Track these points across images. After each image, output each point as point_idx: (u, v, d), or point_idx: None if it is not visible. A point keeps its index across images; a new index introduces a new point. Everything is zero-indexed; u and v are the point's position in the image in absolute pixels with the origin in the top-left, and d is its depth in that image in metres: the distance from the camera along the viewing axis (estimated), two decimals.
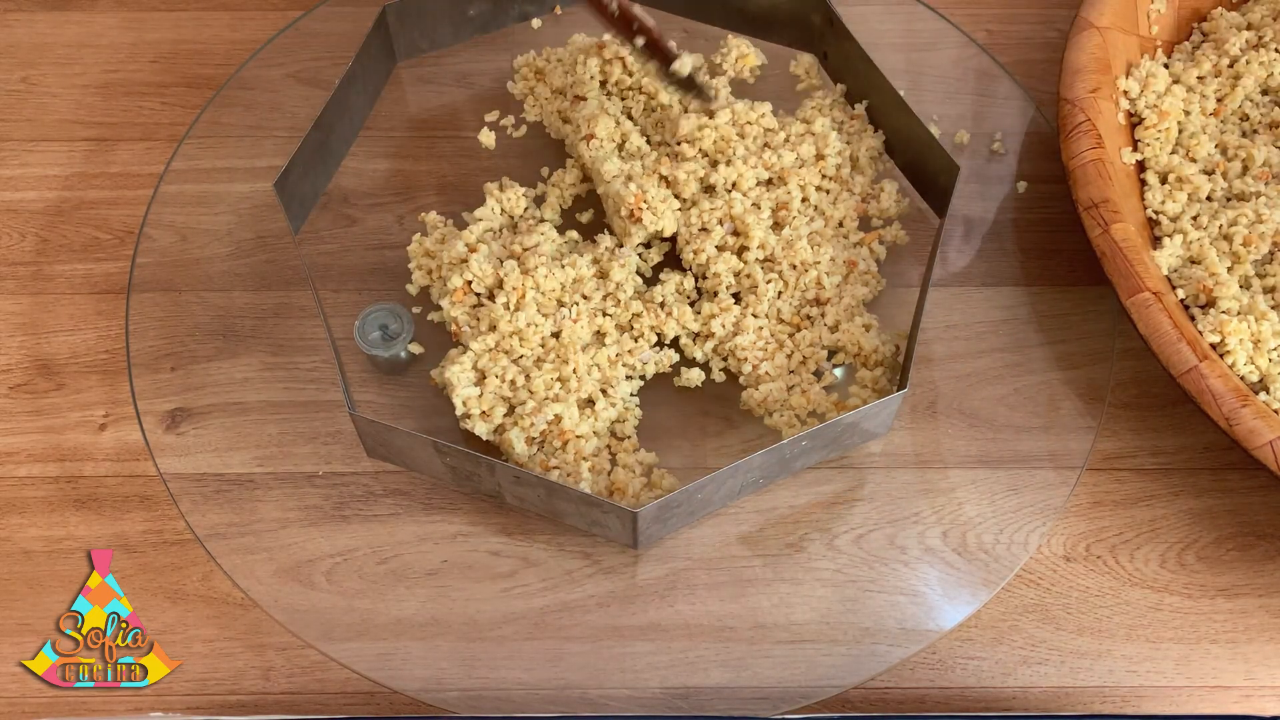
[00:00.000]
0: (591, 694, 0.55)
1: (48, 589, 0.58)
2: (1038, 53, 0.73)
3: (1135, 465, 0.62)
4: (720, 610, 0.57)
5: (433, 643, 0.56)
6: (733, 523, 0.59)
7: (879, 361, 0.61)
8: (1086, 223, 0.59)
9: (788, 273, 0.62)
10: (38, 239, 0.68)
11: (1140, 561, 0.59)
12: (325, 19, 0.72)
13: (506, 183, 0.66)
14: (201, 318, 0.64)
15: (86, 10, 0.76)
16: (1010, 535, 0.58)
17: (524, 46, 0.72)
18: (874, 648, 0.56)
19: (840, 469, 0.60)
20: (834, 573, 0.58)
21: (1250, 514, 0.60)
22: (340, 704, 0.56)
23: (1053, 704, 0.56)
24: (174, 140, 0.69)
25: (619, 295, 0.61)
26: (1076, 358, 0.63)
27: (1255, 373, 0.57)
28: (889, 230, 0.65)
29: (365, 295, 0.64)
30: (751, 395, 0.60)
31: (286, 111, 0.70)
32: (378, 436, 0.57)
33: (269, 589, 0.57)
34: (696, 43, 0.71)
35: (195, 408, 0.61)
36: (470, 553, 0.58)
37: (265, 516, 0.59)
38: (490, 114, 0.70)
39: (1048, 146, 0.69)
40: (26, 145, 0.71)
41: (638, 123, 0.67)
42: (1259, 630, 0.58)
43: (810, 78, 0.71)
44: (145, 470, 0.61)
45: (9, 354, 0.64)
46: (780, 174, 0.64)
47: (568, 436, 0.57)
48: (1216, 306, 0.59)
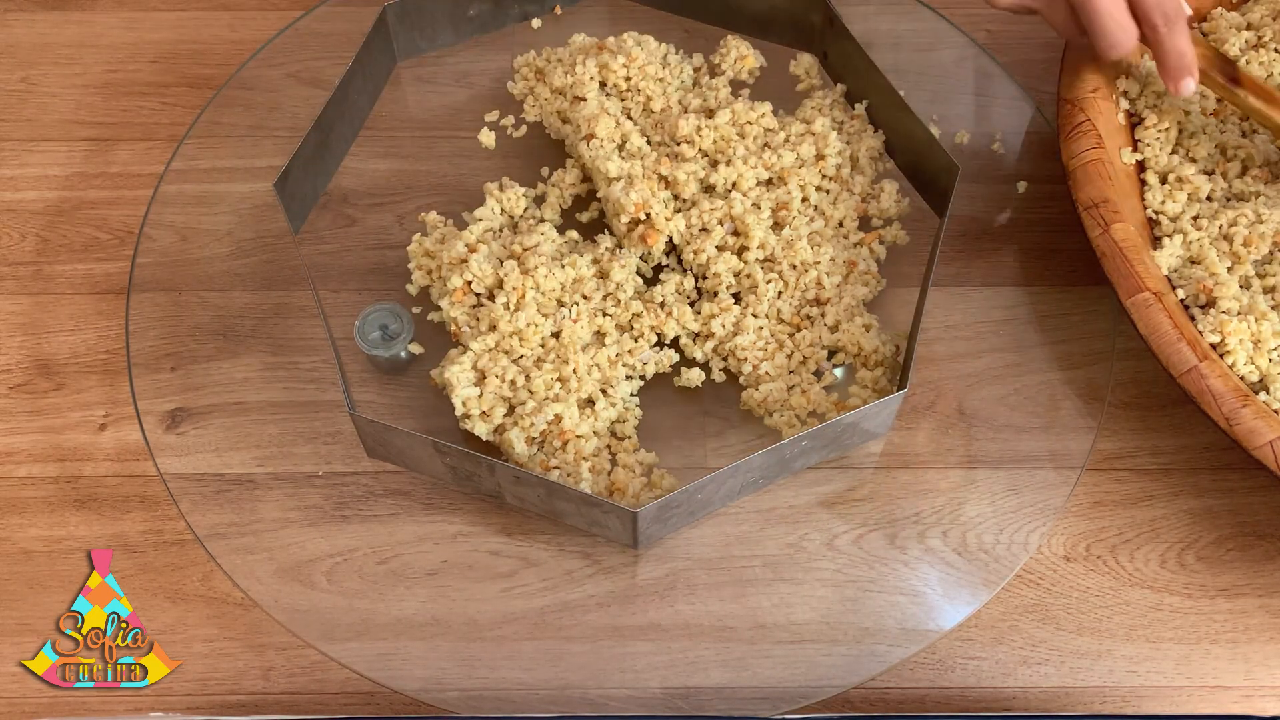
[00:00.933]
0: (591, 694, 0.55)
1: (48, 589, 0.58)
2: (1038, 53, 0.73)
3: (1135, 465, 0.62)
4: (720, 610, 0.57)
5: (433, 643, 0.56)
6: (733, 523, 0.59)
7: (879, 361, 0.61)
8: (1086, 223, 0.59)
9: (788, 273, 0.62)
10: (38, 239, 0.68)
11: (1140, 561, 0.59)
12: (325, 19, 0.72)
13: (506, 183, 0.66)
14: (201, 318, 0.64)
15: (86, 10, 0.76)
16: (1010, 535, 0.58)
17: (524, 46, 0.72)
18: (874, 648, 0.56)
19: (840, 469, 0.60)
20: (834, 573, 0.58)
21: (1250, 514, 0.60)
22: (340, 704, 0.56)
23: (1053, 704, 0.56)
24: (174, 140, 0.69)
25: (619, 295, 0.61)
26: (1076, 358, 0.63)
27: (1255, 373, 0.57)
28: (889, 230, 0.66)
29: (365, 295, 0.64)
30: (751, 395, 0.60)
31: (286, 111, 0.70)
32: (378, 436, 0.57)
33: (269, 589, 0.57)
34: (696, 42, 0.71)
35: (195, 408, 0.61)
36: (470, 553, 0.58)
37: (265, 516, 0.59)
38: (490, 114, 0.70)
39: (1048, 146, 0.69)
40: (26, 145, 0.71)
41: (638, 123, 0.67)
42: (1259, 630, 0.58)
43: (810, 78, 0.71)
44: (145, 470, 0.61)
45: (9, 354, 0.64)
46: (780, 174, 0.64)
47: (568, 436, 0.57)
48: (1216, 306, 0.59)
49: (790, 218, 0.64)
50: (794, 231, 0.63)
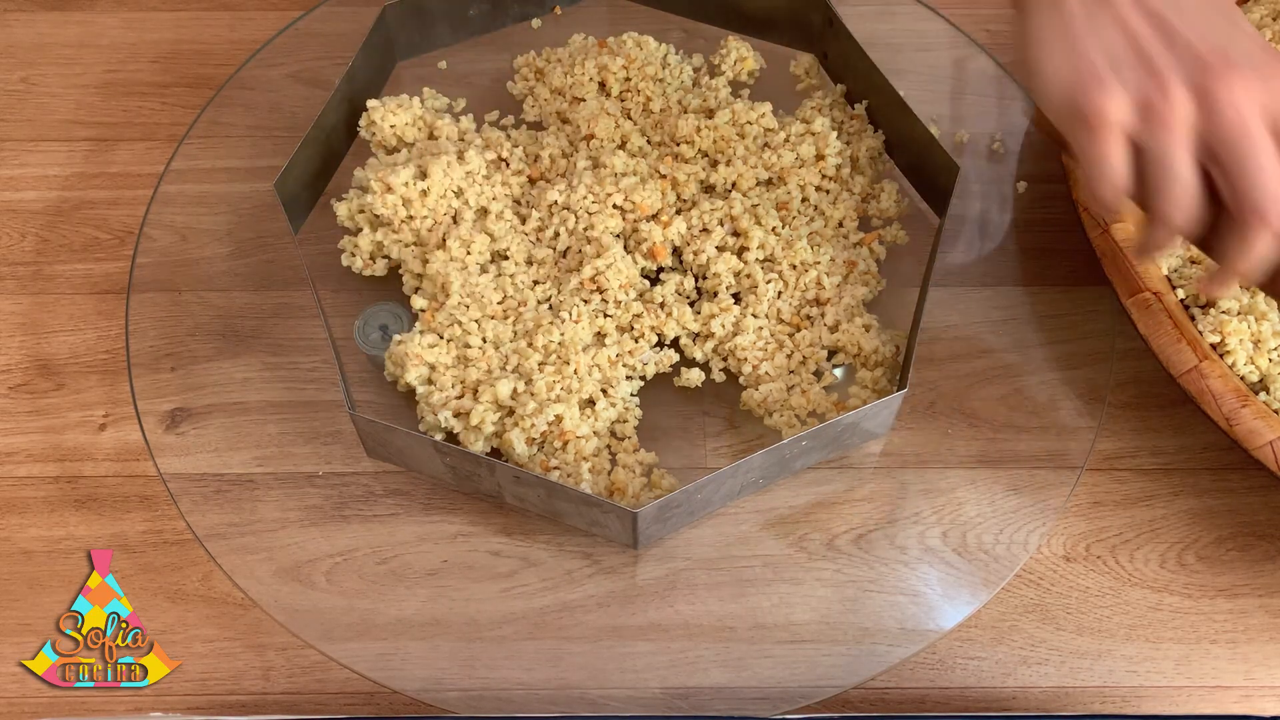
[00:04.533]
0: (591, 694, 0.55)
1: (48, 589, 0.58)
2: None
3: (1135, 465, 0.62)
4: (720, 610, 0.57)
5: (433, 643, 0.56)
6: (733, 523, 0.59)
7: (879, 361, 0.61)
8: (1086, 223, 0.59)
9: (787, 273, 0.62)
10: (38, 239, 0.68)
11: (1140, 561, 0.59)
12: (325, 19, 0.72)
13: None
14: (201, 318, 0.64)
15: (86, 10, 0.76)
16: (1010, 535, 0.58)
17: (524, 46, 0.72)
18: (874, 648, 0.56)
19: (840, 469, 0.60)
20: (834, 573, 0.58)
21: (1250, 514, 0.60)
22: (340, 704, 0.56)
23: (1053, 704, 0.56)
24: (174, 140, 0.69)
25: (619, 296, 0.61)
26: (1076, 358, 0.63)
27: (1255, 373, 0.57)
28: (889, 230, 0.65)
29: (365, 295, 0.64)
30: (751, 395, 0.60)
31: (286, 111, 0.70)
32: (378, 436, 0.57)
33: (269, 589, 0.57)
34: (696, 43, 0.71)
35: (195, 408, 0.61)
36: (470, 553, 0.58)
37: (265, 516, 0.59)
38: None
39: (1048, 146, 0.69)
40: (26, 145, 0.71)
41: (637, 123, 0.67)
42: (1259, 630, 0.58)
43: (810, 78, 0.71)
44: (145, 470, 0.61)
45: (9, 354, 0.64)
46: (780, 174, 0.64)
47: (568, 437, 0.57)
48: (1216, 306, 0.59)
49: (790, 217, 0.64)
50: (794, 231, 0.63)
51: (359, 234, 0.64)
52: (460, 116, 0.68)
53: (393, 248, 0.63)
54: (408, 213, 0.62)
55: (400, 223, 0.62)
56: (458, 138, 0.66)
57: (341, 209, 0.64)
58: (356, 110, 0.67)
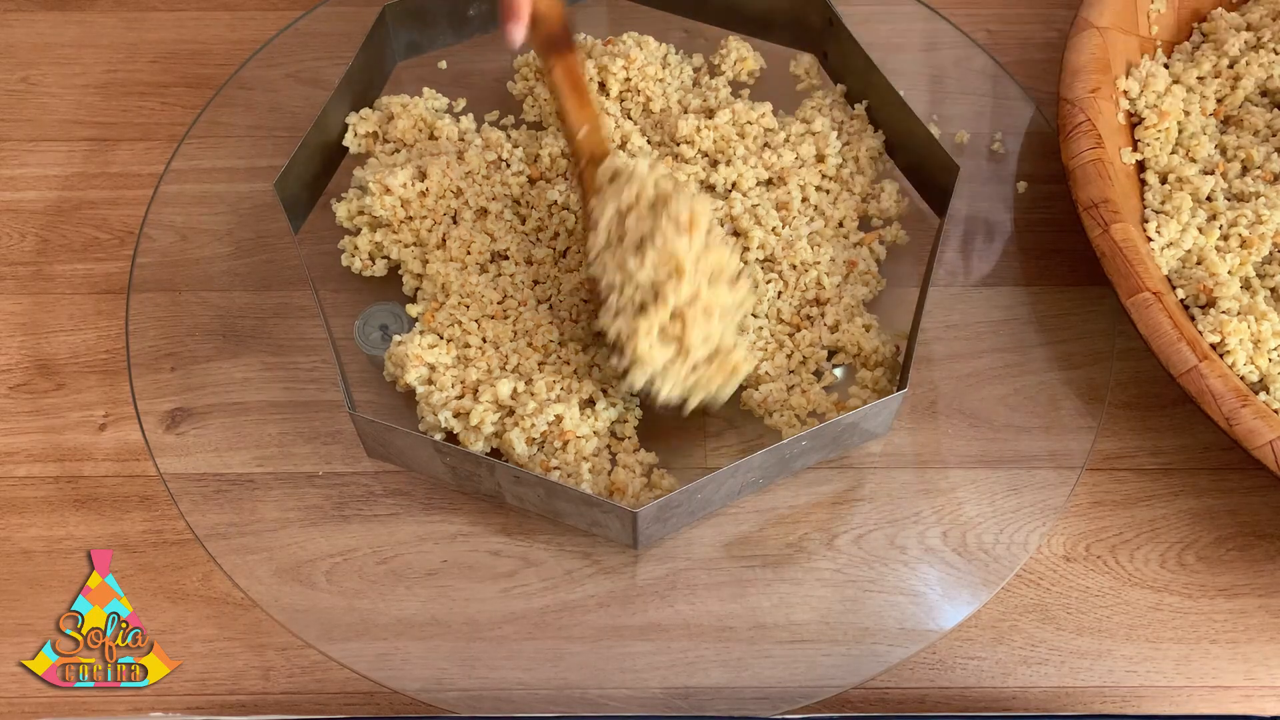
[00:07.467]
0: (591, 694, 0.55)
1: (48, 589, 0.58)
2: (1038, 53, 0.73)
3: (1135, 465, 0.62)
4: (720, 610, 0.57)
5: (433, 643, 0.56)
6: (733, 523, 0.59)
7: (879, 361, 0.61)
8: (1086, 223, 0.59)
9: (788, 273, 0.62)
10: (38, 239, 0.68)
11: (1140, 561, 0.59)
12: (325, 19, 0.72)
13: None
14: (201, 318, 0.64)
15: (86, 10, 0.76)
16: (1010, 535, 0.58)
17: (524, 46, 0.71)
18: (874, 648, 0.56)
19: (840, 469, 0.60)
20: (834, 573, 0.58)
21: (1250, 514, 0.60)
22: (340, 704, 0.56)
23: (1053, 704, 0.56)
24: (174, 140, 0.69)
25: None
26: (1076, 358, 0.63)
27: (1255, 373, 0.57)
28: (889, 230, 0.65)
29: (365, 295, 0.64)
30: (751, 395, 0.60)
31: (286, 111, 0.70)
32: (378, 436, 0.57)
33: (269, 589, 0.57)
34: (696, 43, 0.71)
35: (195, 408, 0.61)
36: (470, 553, 0.58)
37: (265, 516, 0.59)
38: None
39: (1048, 146, 0.69)
40: (26, 145, 0.71)
41: (637, 123, 0.67)
42: (1259, 630, 0.58)
43: (810, 78, 0.71)
44: (145, 470, 0.61)
45: (9, 354, 0.64)
46: (780, 174, 0.64)
47: (568, 437, 0.57)
48: (1216, 306, 0.59)
49: (790, 218, 0.64)
50: (794, 231, 0.63)
51: (358, 234, 0.64)
52: (460, 116, 0.68)
53: (392, 248, 0.63)
54: (407, 213, 0.62)
55: (399, 223, 0.62)
56: (458, 138, 0.66)
57: (341, 209, 0.64)
58: (357, 110, 0.67)
